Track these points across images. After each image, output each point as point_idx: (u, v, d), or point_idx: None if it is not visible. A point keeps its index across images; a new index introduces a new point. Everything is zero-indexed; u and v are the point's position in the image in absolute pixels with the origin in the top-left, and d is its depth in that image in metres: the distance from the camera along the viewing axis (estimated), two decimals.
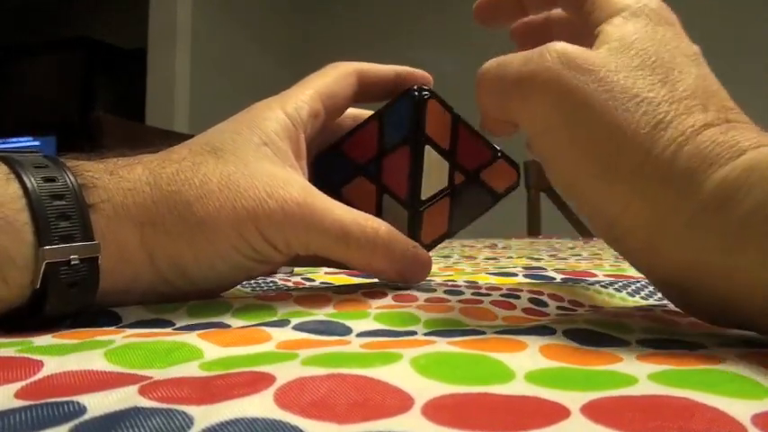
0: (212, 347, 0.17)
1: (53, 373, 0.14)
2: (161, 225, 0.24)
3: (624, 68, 0.21)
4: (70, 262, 0.21)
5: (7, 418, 0.11)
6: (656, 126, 0.19)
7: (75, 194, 0.21)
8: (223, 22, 2.51)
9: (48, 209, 0.21)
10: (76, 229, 0.21)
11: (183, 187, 0.24)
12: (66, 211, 0.21)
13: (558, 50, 0.21)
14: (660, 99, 0.20)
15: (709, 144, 0.19)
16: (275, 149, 0.27)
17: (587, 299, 0.30)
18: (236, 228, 0.24)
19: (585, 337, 0.19)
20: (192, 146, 0.26)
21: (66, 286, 0.21)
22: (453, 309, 0.24)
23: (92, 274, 0.22)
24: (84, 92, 3.29)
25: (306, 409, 0.12)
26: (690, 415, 0.11)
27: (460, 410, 0.12)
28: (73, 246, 0.21)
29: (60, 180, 0.21)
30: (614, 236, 0.21)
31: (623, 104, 0.20)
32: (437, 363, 0.15)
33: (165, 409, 0.11)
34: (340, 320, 0.22)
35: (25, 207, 0.20)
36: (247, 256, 0.25)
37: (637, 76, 0.20)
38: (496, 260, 0.58)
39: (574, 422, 0.11)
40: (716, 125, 0.19)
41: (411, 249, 0.28)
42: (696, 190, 0.18)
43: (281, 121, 0.27)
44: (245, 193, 0.25)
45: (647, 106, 0.20)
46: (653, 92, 0.20)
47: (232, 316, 0.23)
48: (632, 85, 0.20)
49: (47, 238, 0.20)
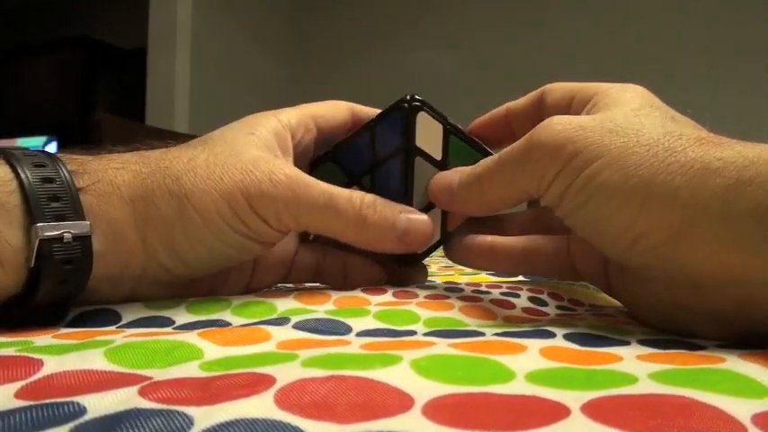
0: (212, 347, 0.17)
1: (53, 373, 0.14)
2: (150, 200, 0.24)
3: (622, 113, 0.22)
4: (63, 239, 0.21)
5: (8, 418, 0.11)
6: (667, 134, 0.21)
7: (64, 179, 0.22)
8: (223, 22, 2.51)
9: (38, 190, 0.21)
10: (68, 209, 0.21)
11: (171, 163, 0.25)
12: (57, 192, 0.21)
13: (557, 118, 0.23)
14: (665, 125, 0.22)
15: (727, 152, 0.19)
16: (263, 140, 0.27)
17: (587, 297, 0.30)
18: (224, 197, 0.24)
19: (585, 339, 0.19)
20: (183, 141, 0.27)
21: (60, 263, 0.21)
22: (453, 306, 0.24)
23: (85, 253, 0.22)
24: (84, 92, 3.29)
25: (306, 409, 0.12)
26: (690, 414, 0.11)
27: (461, 410, 0.12)
28: (65, 223, 0.21)
29: (50, 166, 0.22)
30: (628, 241, 0.21)
31: (627, 135, 0.21)
32: (437, 364, 0.15)
33: (166, 410, 0.11)
34: (340, 318, 0.22)
35: (17, 189, 0.21)
36: (238, 231, 0.25)
37: (636, 115, 0.22)
38: None
39: (574, 421, 0.11)
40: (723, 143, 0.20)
41: (403, 213, 0.27)
42: (716, 188, 0.19)
43: (272, 123, 0.28)
44: (232, 167, 0.25)
45: (651, 128, 0.21)
46: (657, 122, 0.22)
47: (232, 313, 0.23)
48: (633, 120, 0.22)
49: (39, 216, 0.21)
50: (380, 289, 0.27)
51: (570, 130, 0.22)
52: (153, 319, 0.23)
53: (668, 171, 0.20)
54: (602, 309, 0.28)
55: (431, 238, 0.28)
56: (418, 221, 0.27)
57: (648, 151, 0.20)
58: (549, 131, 0.23)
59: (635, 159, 0.20)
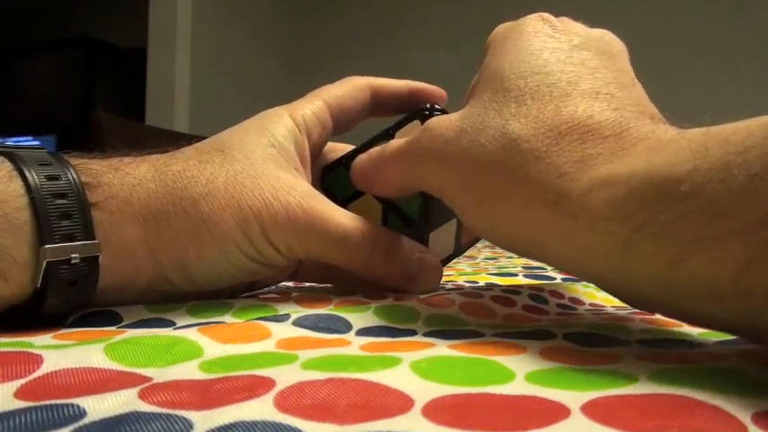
0: (212, 344, 0.17)
1: (53, 371, 0.14)
2: (165, 221, 0.24)
3: (477, 110, 0.22)
4: (71, 261, 0.21)
5: (7, 420, 0.11)
6: (503, 150, 0.20)
7: (77, 193, 0.21)
8: (223, 22, 2.50)
9: (49, 207, 0.21)
10: (78, 228, 0.21)
11: (188, 184, 0.24)
12: (68, 209, 0.21)
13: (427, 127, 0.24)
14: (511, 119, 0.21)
15: (562, 158, 0.19)
16: (282, 151, 0.27)
17: (587, 297, 0.30)
18: (240, 225, 0.24)
19: (586, 339, 0.19)
20: (199, 145, 0.27)
21: (65, 285, 0.21)
22: (454, 304, 0.24)
23: (92, 272, 0.22)
24: (83, 92, 3.28)
25: (306, 411, 0.12)
26: (690, 413, 0.11)
27: (461, 410, 0.12)
28: (73, 245, 0.21)
29: (63, 178, 0.21)
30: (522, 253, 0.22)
31: (477, 142, 0.21)
32: (437, 365, 0.15)
33: (165, 413, 0.11)
34: (340, 314, 0.22)
35: (27, 205, 0.20)
36: (249, 257, 0.25)
37: (489, 108, 0.22)
38: (496, 260, 0.58)
39: (574, 421, 0.11)
40: (570, 132, 0.19)
41: (416, 255, 0.28)
42: (559, 208, 0.18)
43: (288, 126, 0.28)
44: (250, 193, 0.25)
45: (496, 134, 0.21)
46: (504, 117, 0.21)
47: (233, 316, 0.23)
48: (482, 121, 0.21)
49: (48, 236, 0.20)
50: (381, 295, 0.27)
51: (437, 144, 0.23)
52: (154, 321, 0.23)
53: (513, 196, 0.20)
54: (602, 308, 0.28)
55: (438, 282, 0.28)
56: (429, 267, 0.28)
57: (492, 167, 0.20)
58: (425, 143, 0.23)
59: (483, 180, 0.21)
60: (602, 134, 0.19)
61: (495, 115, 0.21)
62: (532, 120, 0.20)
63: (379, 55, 2.56)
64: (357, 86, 0.31)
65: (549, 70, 0.21)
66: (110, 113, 1.28)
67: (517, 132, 0.20)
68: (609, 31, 0.24)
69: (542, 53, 0.22)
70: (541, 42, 0.23)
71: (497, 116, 0.21)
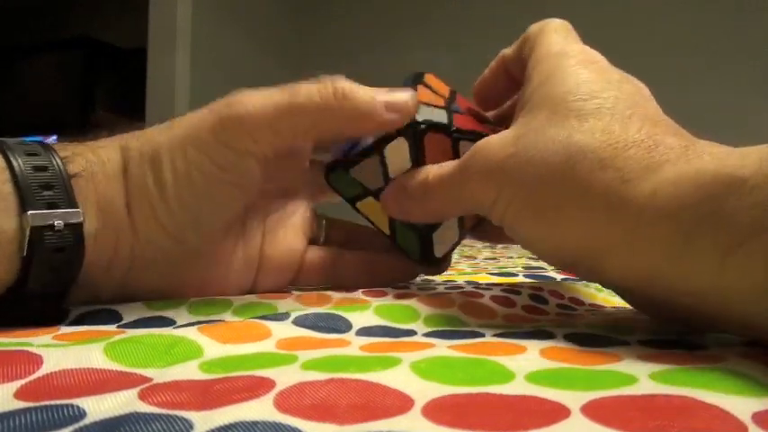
0: (212, 344, 0.17)
1: (53, 371, 0.14)
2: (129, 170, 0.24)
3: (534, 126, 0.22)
4: (54, 226, 0.21)
5: (7, 420, 0.11)
6: (568, 160, 0.21)
7: (57, 167, 0.22)
8: (223, 22, 2.50)
9: (30, 179, 0.21)
10: (60, 197, 0.22)
11: (151, 130, 0.26)
12: (50, 181, 0.22)
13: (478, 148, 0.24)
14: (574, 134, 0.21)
15: (630, 163, 0.19)
16: None
17: (587, 297, 0.30)
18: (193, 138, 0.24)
19: (586, 339, 0.19)
20: None
21: (51, 251, 0.21)
22: (454, 304, 0.24)
23: (76, 240, 0.22)
24: (84, 92, 3.28)
25: (306, 411, 0.12)
26: (690, 414, 0.11)
27: (461, 410, 0.12)
28: (56, 212, 0.21)
29: (42, 154, 0.22)
30: (566, 264, 0.23)
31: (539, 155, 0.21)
32: (437, 366, 0.15)
33: (165, 414, 0.11)
34: (340, 313, 0.22)
35: (9, 179, 0.21)
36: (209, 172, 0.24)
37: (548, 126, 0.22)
38: (496, 260, 0.58)
39: (574, 422, 0.11)
40: (639, 142, 0.20)
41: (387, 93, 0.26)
42: (626, 211, 0.19)
43: None
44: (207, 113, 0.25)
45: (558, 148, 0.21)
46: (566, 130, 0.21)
47: (233, 314, 0.23)
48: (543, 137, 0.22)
49: (30, 204, 0.21)
50: (381, 292, 0.27)
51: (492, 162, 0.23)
52: (154, 319, 0.23)
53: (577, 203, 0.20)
54: (602, 308, 0.28)
55: (415, 107, 0.27)
56: (398, 90, 0.27)
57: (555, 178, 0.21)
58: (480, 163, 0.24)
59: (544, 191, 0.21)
60: (668, 146, 0.20)
61: (558, 130, 0.21)
62: (598, 133, 0.21)
63: (379, 55, 2.56)
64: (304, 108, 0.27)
65: (607, 96, 0.22)
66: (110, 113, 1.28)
67: (583, 143, 0.21)
68: None
69: (597, 81, 0.23)
70: (592, 71, 0.23)
71: (560, 131, 0.21)
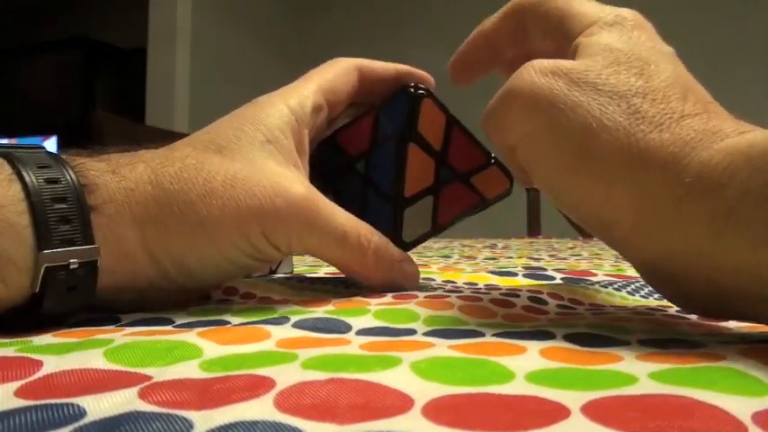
0: (212, 346, 0.17)
1: (52, 372, 0.14)
2: (163, 224, 0.24)
3: (596, 68, 0.21)
4: (69, 266, 0.21)
5: (7, 419, 0.11)
6: (632, 115, 0.20)
7: (76, 197, 0.21)
8: (223, 22, 2.51)
9: (48, 212, 0.21)
10: (77, 233, 0.21)
11: (185, 186, 0.24)
12: (68, 214, 0.21)
13: (534, 65, 0.22)
14: (635, 91, 0.21)
15: (689, 131, 0.19)
16: (279, 147, 0.27)
17: (587, 297, 0.30)
18: (238, 226, 0.24)
19: (586, 339, 0.19)
20: (195, 143, 0.26)
21: (64, 289, 0.21)
22: (453, 306, 0.24)
23: (90, 276, 0.22)
24: (84, 92, 3.29)
25: (306, 411, 0.12)
26: (690, 413, 0.11)
27: (461, 410, 0.12)
28: (72, 250, 0.21)
29: (63, 181, 0.21)
30: (601, 225, 0.22)
31: (596, 100, 0.21)
32: (437, 366, 0.15)
33: (165, 413, 0.11)
34: (340, 317, 0.22)
35: (26, 210, 0.20)
36: (249, 255, 0.26)
37: (609, 73, 0.21)
38: (496, 260, 0.58)
39: (574, 422, 0.11)
40: (695, 114, 0.20)
41: (398, 262, 0.29)
42: (678, 174, 0.19)
43: (284, 116, 0.27)
44: (249, 191, 0.25)
45: (619, 99, 0.20)
46: (627, 85, 0.21)
47: (232, 315, 0.23)
48: (605, 81, 0.21)
49: (47, 241, 0.20)
50: (380, 294, 0.27)
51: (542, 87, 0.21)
52: (153, 319, 0.23)
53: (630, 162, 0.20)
54: (602, 308, 0.28)
55: (415, 287, 0.29)
56: (410, 274, 0.29)
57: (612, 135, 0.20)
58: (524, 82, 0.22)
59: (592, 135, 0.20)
60: (723, 118, 0.20)
61: (617, 83, 0.21)
62: (659, 100, 0.20)
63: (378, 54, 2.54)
64: (346, 68, 0.30)
65: (665, 67, 0.22)
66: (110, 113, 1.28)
67: (641, 106, 0.20)
68: None
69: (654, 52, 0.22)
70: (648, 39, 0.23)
71: (619, 84, 0.21)
